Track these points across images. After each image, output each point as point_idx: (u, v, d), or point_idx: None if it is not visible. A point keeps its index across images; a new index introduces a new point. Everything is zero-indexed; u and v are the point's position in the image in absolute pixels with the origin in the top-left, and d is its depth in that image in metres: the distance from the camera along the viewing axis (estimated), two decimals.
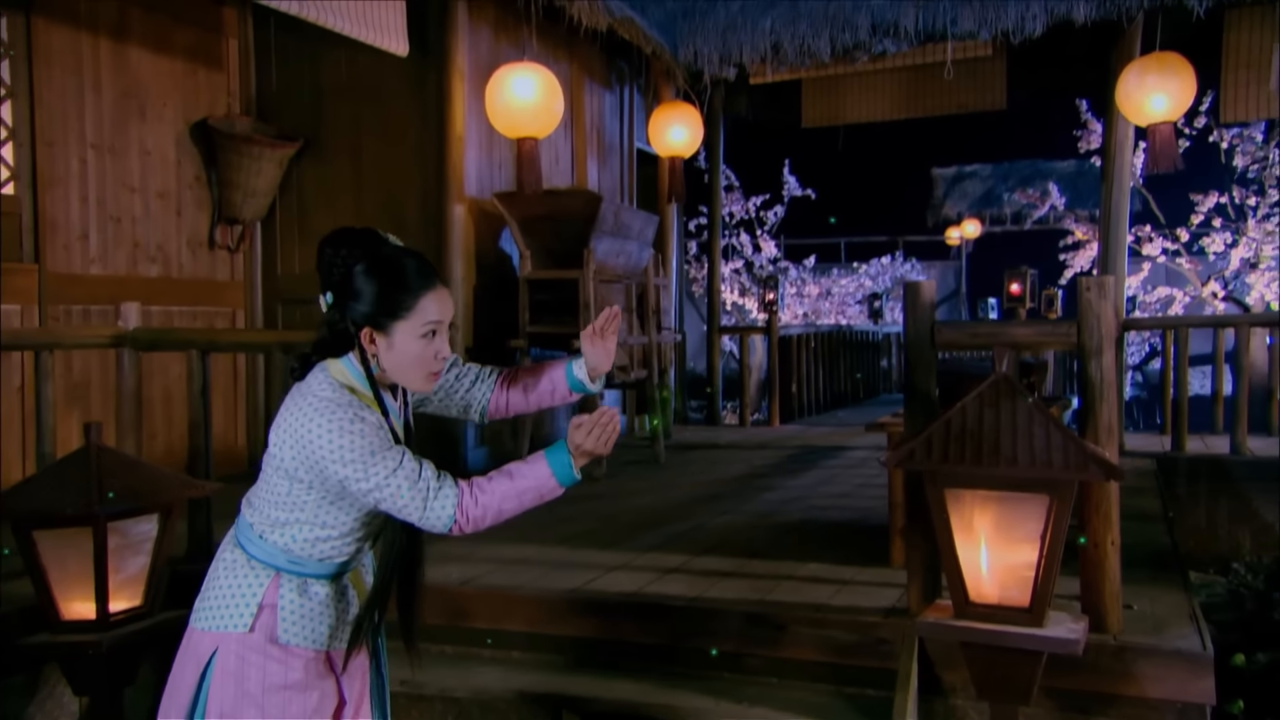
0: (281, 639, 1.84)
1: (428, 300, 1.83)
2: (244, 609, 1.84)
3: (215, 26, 5.64)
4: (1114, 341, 2.84)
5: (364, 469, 1.75)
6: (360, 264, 1.82)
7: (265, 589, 1.85)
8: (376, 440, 1.77)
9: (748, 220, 14.12)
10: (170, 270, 5.40)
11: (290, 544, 1.86)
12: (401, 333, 1.82)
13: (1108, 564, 2.77)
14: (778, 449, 7.00)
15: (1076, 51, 7.79)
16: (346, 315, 1.82)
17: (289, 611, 1.85)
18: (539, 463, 1.83)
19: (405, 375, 1.87)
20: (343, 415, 1.75)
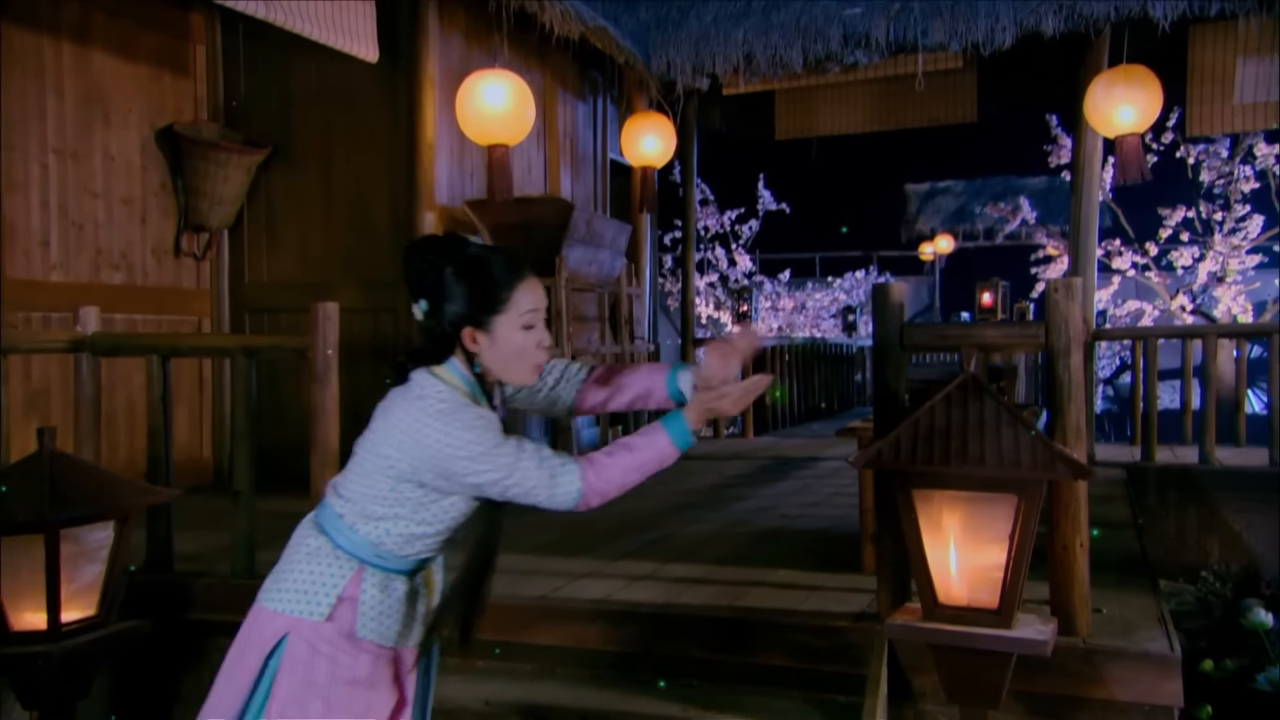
0: (359, 634, 1.84)
1: (521, 291, 1.85)
2: (323, 598, 1.83)
3: (182, 32, 5.58)
4: (1082, 343, 2.83)
5: (493, 460, 1.77)
6: (450, 266, 1.83)
7: (348, 581, 1.84)
8: (498, 432, 1.80)
9: (722, 234, 14.15)
10: (134, 278, 5.32)
11: (383, 538, 1.85)
12: (502, 327, 1.84)
13: (1076, 567, 2.76)
14: (750, 459, 6.97)
15: (1046, 65, 7.86)
16: (444, 318, 1.83)
17: (369, 606, 1.85)
18: (657, 433, 1.87)
19: (510, 369, 1.89)
20: (465, 414, 1.78)
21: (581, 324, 5.84)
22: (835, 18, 6.57)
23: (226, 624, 3.57)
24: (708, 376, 1.95)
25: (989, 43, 6.38)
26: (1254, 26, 6.46)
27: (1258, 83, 6.76)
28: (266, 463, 4.86)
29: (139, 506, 3.27)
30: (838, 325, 14.70)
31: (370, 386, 6.17)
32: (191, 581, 3.65)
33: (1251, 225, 11.27)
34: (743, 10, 6.84)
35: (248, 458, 3.69)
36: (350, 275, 5.70)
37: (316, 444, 3.58)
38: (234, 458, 3.73)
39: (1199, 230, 11.64)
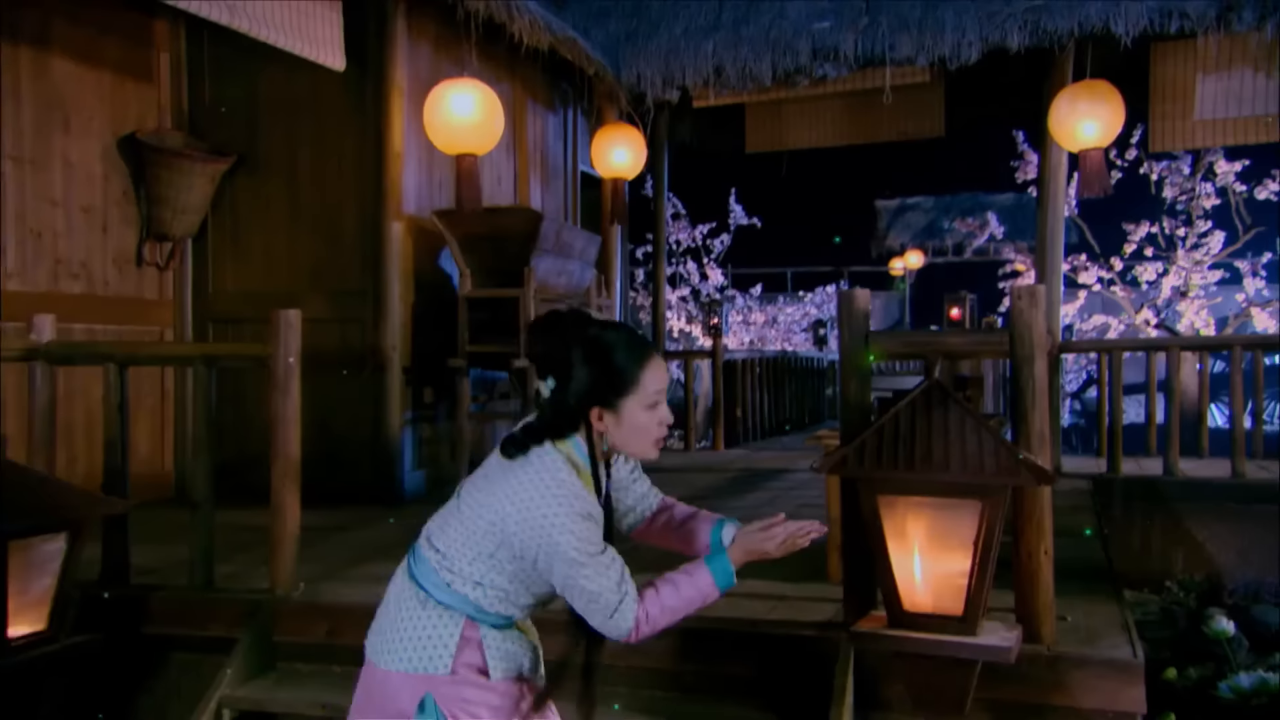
0: (493, 676, 1.89)
1: (650, 373, 1.89)
2: (443, 651, 1.87)
3: (146, 39, 5.52)
4: (1046, 350, 2.84)
5: (591, 568, 1.81)
6: (578, 348, 1.86)
7: (460, 629, 1.88)
8: (596, 539, 1.83)
9: (694, 248, 14.18)
10: (94, 287, 5.23)
11: (481, 600, 1.89)
12: (629, 408, 1.88)
13: (1041, 574, 2.76)
14: (721, 472, 6.96)
15: (1012, 80, 7.95)
16: (570, 397, 1.86)
17: (494, 648, 1.90)
18: (701, 572, 1.92)
19: (633, 445, 1.93)
20: (580, 507, 1.81)
21: None
22: (804, 31, 6.61)
23: (184, 638, 3.54)
24: (748, 548, 2.01)
25: (955, 57, 6.45)
26: (1213, 44, 6.57)
27: (1217, 99, 6.87)
28: (229, 475, 4.80)
29: (92, 518, 3.20)
30: (808, 339, 14.75)
31: (337, 396, 6.16)
32: (148, 595, 3.58)
33: (1213, 241, 11.44)
34: (713, 23, 6.87)
35: (207, 468, 3.63)
36: (317, 285, 5.65)
37: (278, 454, 3.52)
38: (193, 468, 3.67)
39: (1162, 246, 11.79)
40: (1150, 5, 6.23)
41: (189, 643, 3.51)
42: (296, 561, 3.57)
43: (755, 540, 1.96)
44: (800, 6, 6.78)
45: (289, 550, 3.55)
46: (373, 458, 5.55)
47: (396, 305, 5.54)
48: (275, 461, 3.54)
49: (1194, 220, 11.47)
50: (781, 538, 1.95)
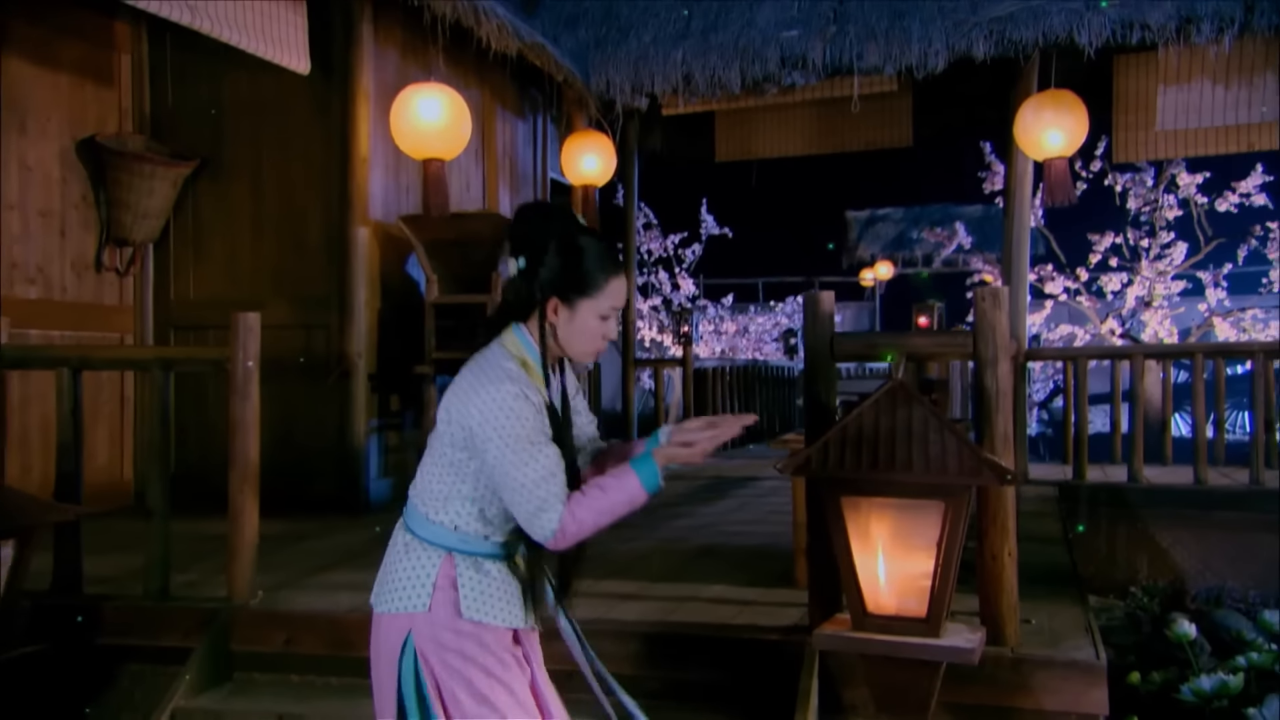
0: (465, 614, 1.86)
1: (615, 284, 1.93)
2: (421, 588, 1.88)
3: (106, 42, 5.44)
4: (1010, 351, 2.85)
5: (511, 451, 1.79)
6: (557, 239, 1.89)
7: (439, 568, 1.88)
8: (533, 426, 1.82)
9: (666, 258, 14.17)
10: (51, 293, 5.14)
11: (457, 520, 1.90)
12: (585, 309, 1.90)
13: (1005, 576, 2.76)
14: (690, 480, 6.93)
15: (979, 91, 8.02)
16: (535, 282, 1.89)
17: (469, 588, 1.88)
18: (627, 475, 1.87)
19: (575, 346, 1.94)
20: (511, 389, 1.81)
21: None
22: (772, 39, 6.63)
23: (138, 648, 3.46)
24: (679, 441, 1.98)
25: (922, 66, 6.48)
26: (1173, 56, 6.65)
27: (1177, 110, 6.96)
28: (191, 483, 4.72)
29: (42, 525, 3.12)
30: (779, 349, 14.77)
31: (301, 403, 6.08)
32: (101, 604, 3.50)
33: (1176, 252, 11.58)
34: (681, 31, 6.87)
35: (162, 474, 3.57)
36: (281, 291, 5.58)
37: (236, 459, 3.47)
38: (148, 474, 3.59)
39: (1127, 256, 11.92)
40: (1112, 17, 6.31)
41: (143, 653, 3.44)
42: (255, 569, 3.51)
43: (680, 439, 1.92)
44: (769, 15, 6.80)
45: (247, 558, 3.48)
46: (338, 466, 5.47)
47: (362, 311, 5.48)
48: (233, 467, 3.48)
49: (1157, 231, 11.60)
50: (707, 436, 1.91)
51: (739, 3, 6.94)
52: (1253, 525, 5.77)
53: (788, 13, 6.80)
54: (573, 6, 7.16)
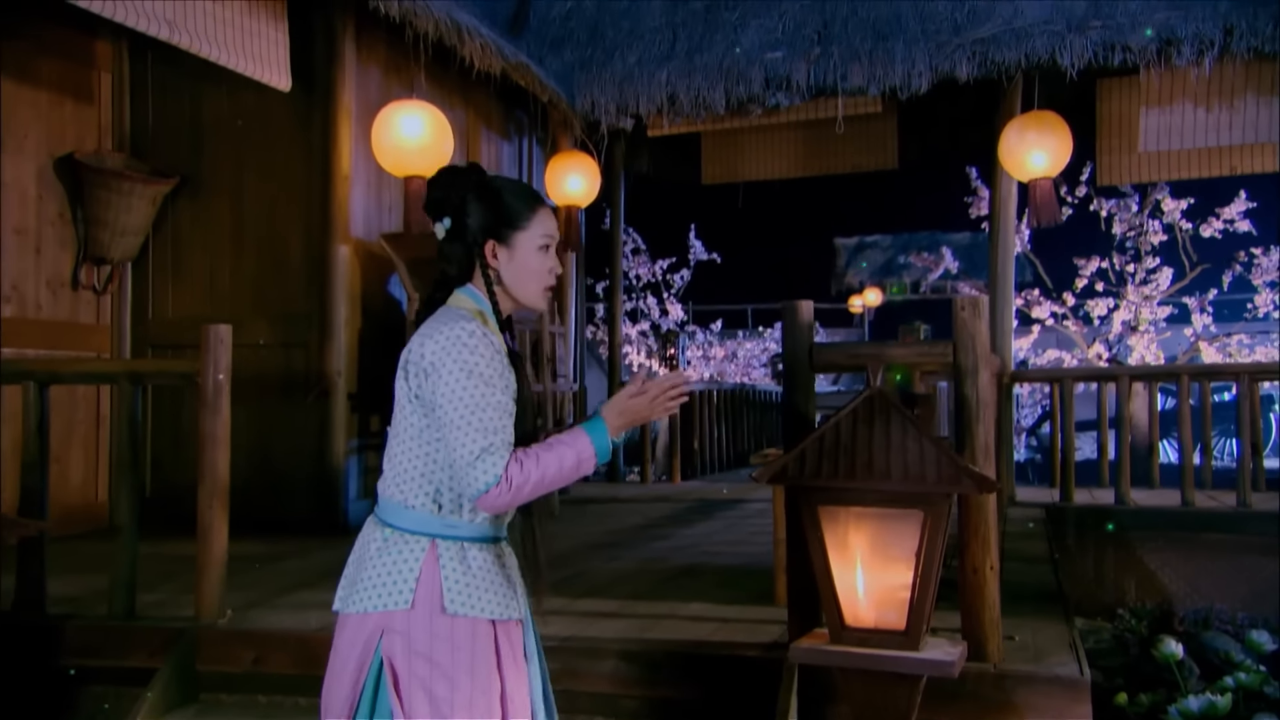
0: (448, 609, 1.76)
1: (542, 213, 1.92)
2: (404, 584, 1.77)
3: (86, 59, 5.41)
4: (990, 361, 2.81)
5: (457, 382, 1.73)
6: (472, 190, 1.89)
7: (424, 559, 1.78)
8: (490, 364, 1.76)
9: (654, 283, 14.16)
10: (26, 311, 5.07)
11: (438, 497, 1.81)
12: (522, 244, 1.89)
13: (987, 590, 2.70)
14: (676, 502, 6.87)
15: (964, 114, 8.06)
16: (467, 232, 1.88)
17: (452, 580, 1.78)
18: (579, 435, 1.80)
19: (524, 289, 1.91)
20: (469, 326, 1.77)
21: None
22: (757, 60, 6.64)
23: (102, 669, 3.37)
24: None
25: (906, 87, 6.50)
26: (1155, 78, 6.69)
27: (1160, 133, 6.98)
28: (166, 504, 4.65)
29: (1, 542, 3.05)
30: (768, 373, 14.74)
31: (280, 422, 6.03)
32: (63, 624, 3.41)
33: (1161, 277, 11.61)
34: (667, 52, 6.88)
35: (130, 490, 3.49)
36: (261, 310, 5.52)
37: (205, 475, 3.40)
38: (116, 490, 3.52)
39: (1113, 281, 11.95)
40: (1094, 39, 6.34)
41: (107, 674, 3.35)
42: (223, 588, 3.43)
43: (629, 395, 1.85)
44: (753, 36, 6.82)
45: (215, 576, 3.40)
46: (316, 486, 5.40)
47: (343, 330, 5.43)
48: (203, 482, 3.41)
49: (1142, 256, 11.64)
50: (654, 393, 1.85)
51: (724, 24, 6.96)
52: (1240, 547, 5.74)
53: (772, 34, 6.82)
54: (558, 29, 7.18)
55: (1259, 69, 6.62)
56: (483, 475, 1.71)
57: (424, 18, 5.16)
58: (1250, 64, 6.47)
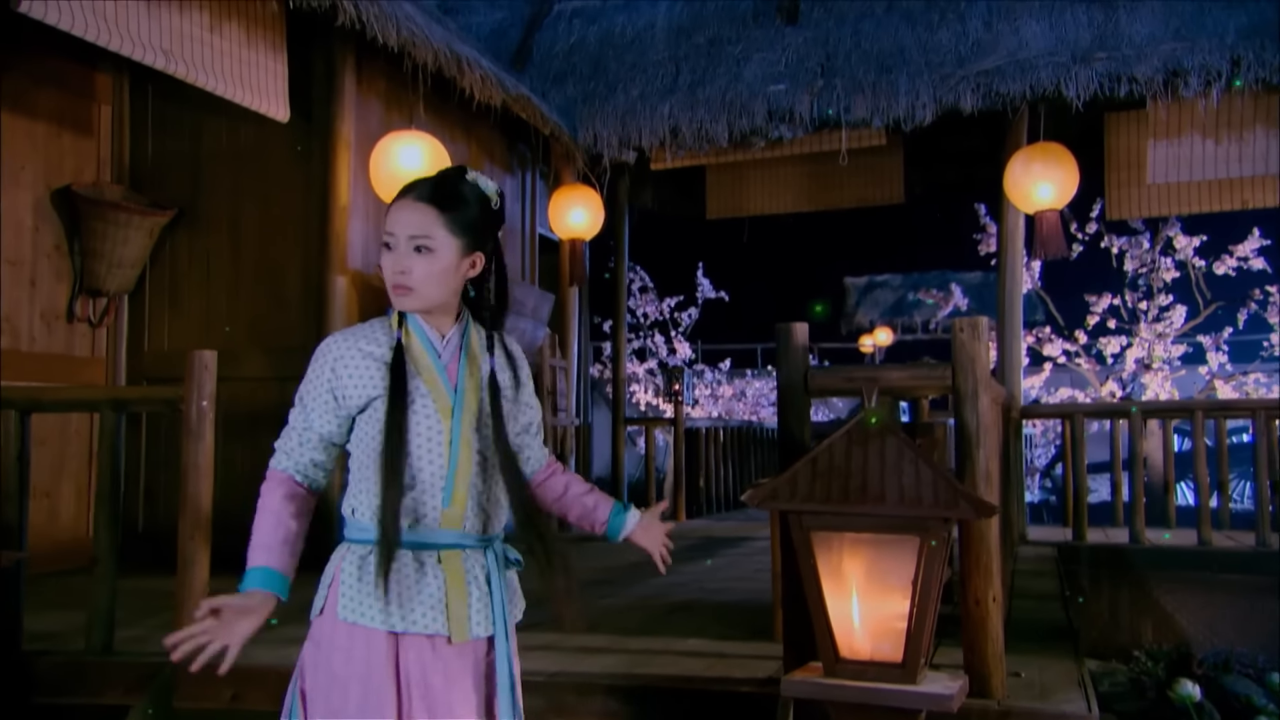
0: (340, 615, 1.72)
1: (391, 211, 1.83)
2: (321, 591, 1.79)
3: (86, 92, 5.41)
4: (990, 383, 2.71)
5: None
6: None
7: (334, 566, 1.79)
8: (313, 377, 1.80)
9: (662, 321, 14.10)
10: (19, 343, 5.02)
11: (356, 503, 1.80)
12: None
13: (989, 623, 2.58)
14: (678, 540, 6.68)
15: (970, 148, 8.01)
16: None
17: (347, 585, 1.75)
18: (256, 556, 1.81)
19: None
20: (327, 341, 1.83)
21: None
22: (760, 93, 6.61)
23: (77, 708, 3.26)
24: (639, 543, 2.05)
25: (910, 119, 6.45)
26: (1162, 110, 6.63)
27: (1168, 164, 6.91)
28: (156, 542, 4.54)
29: None
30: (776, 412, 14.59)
31: None
32: (36, 660, 3.30)
33: (1175, 315, 11.47)
34: (669, 85, 6.87)
35: (109, 521, 3.41)
36: (257, 342, 5.46)
37: (187, 504, 3.30)
38: (97, 520, 3.43)
39: (1125, 318, 11.82)
40: (1099, 70, 6.29)
41: (82, 712, 3.24)
42: None
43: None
44: (756, 69, 6.80)
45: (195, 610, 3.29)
46: (313, 523, 5.28)
47: None
48: (184, 513, 3.31)
49: (1155, 293, 11.52)
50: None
51: (726, 58, 6.96)
52: (1260, 588, 5.57)
53: (775, 67, 6.81)
54: (561, 63, 7.19)
55: (1267, 101, 6.55)
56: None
57: (423, 48, 5.15)
58: (1260, 95, 6.40)
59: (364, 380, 1.76)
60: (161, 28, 4.41)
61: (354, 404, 1.77)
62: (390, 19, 4.94)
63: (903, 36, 6.87)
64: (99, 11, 4.10)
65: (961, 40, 6.83)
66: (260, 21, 4.94)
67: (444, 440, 1.77)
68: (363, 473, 1.78)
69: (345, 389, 1.76)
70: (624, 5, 7.62)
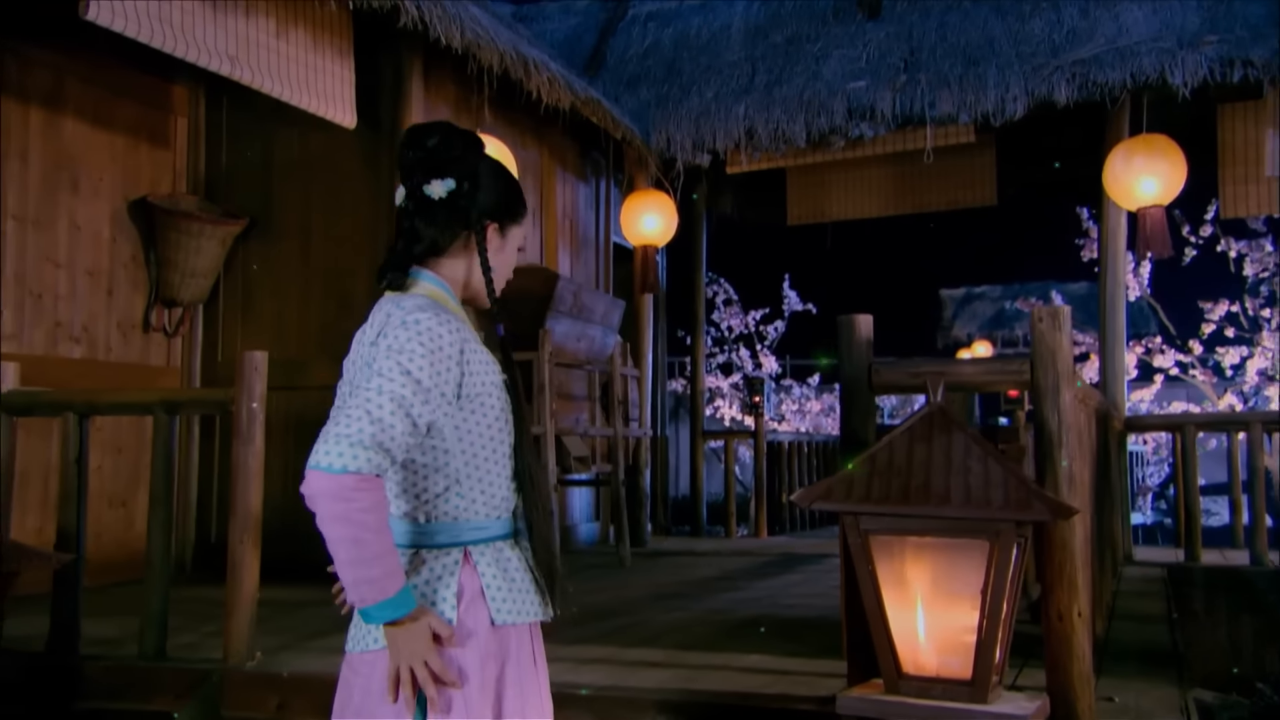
0: (496, 621, 1.60)
1: (527, 217, 1.81)
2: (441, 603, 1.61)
3: (163, 104, 5.49)
4: (1072, 379, 2.44)
5: (386, 359, 1.50)
6: (486, 161, 1.71)
7: (450, 575, 1.63)
8: (437, 372, 1.50)
9: (747, 335, 13.83)
10: (96, 352, 5.09)
11: (462, 502, 1.63)
12: (513, 238, 1.75)
13: (1075, 640, 2.30)
14: (757, 556, 6.48)
15: (1068, 143, 7.60)
16: (474, 206, 1.66)
17: (497, 588, 1.63)
18: (396, 578, 1.48)
19: (480, 288, 1.71)
20: (424, 316, 1.53)
21: (568, 402, 5.49)
22: (839, 90, 6.38)
23: (127, 713, 3.21)
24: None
25: (1000, 113, 6.14)
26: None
27: None
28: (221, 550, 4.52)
29: (14, 572, 2.93)
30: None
31: None
32: (89, 664, 3.27)
33: None
34: (745, 86, 6.69)
35: (163, 525, 3.36)
36: (328, 351, 5.43)
37: (237, 507, 3.24)
38: (150, 524, 3.39)
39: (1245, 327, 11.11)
40: (1209, 55, 5.88)
41: (131, 717, 3.19)
42: (253, 630, 3.24)
43: (415, 641, 1.50)
44: (835, 66, 6.57)
45: (244, 616, 3.22)
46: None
47: None
48: (234, 516, 3.25)
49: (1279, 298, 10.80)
50: (415, 660, 1.50)
51: (805, 55, 6.75)
52: None
53: (855, 64, 6.57)
54: (635, 67, 7.08)
55: None
56: (320, 457, 1.43)
57: (488, 50, 5.08)
58: None
59: (486, 369, 1.59)
60: (227, 34, 4.43)
61: (471, 393, 1.56)
62: (455, 20, 4.89)
63: (992, 27, 6.56)
64: (165, 18, 4.13)
65: (1055, 28, 6.48)
66: (327, 27, 4.93)
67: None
68: (476, 466, 1.59)
69: (470, 377, 1.56)
70: (700, 7, 7.47)
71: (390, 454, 1.47)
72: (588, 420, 5.69)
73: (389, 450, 1.46)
